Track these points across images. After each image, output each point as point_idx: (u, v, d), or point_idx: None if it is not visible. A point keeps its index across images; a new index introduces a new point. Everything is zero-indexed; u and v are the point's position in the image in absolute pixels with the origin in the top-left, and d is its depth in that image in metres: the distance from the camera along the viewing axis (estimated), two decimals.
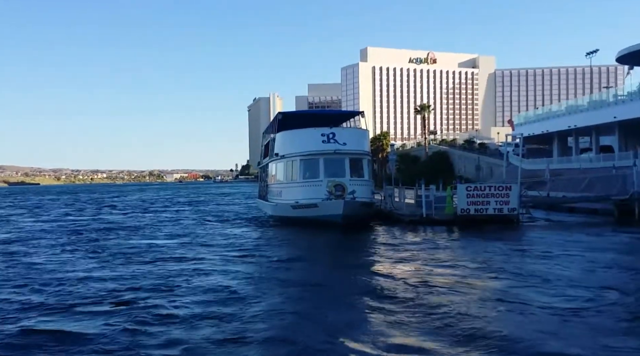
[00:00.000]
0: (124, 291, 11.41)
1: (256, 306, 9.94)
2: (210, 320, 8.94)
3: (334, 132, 25.61)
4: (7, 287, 12.26)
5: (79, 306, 10.13)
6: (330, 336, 7.89)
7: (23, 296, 11.23)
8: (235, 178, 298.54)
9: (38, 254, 17.72)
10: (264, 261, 15.90)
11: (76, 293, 11.41)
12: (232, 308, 9.78)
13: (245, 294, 10.94)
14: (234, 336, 8.01)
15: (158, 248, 19.10)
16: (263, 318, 9.04)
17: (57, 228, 28.32)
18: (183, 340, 7.88)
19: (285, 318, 9.08)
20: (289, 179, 26.52)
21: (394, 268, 13.94)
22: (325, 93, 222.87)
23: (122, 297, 10.82)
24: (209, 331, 8.30)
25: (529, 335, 7.66)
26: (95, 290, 11.58)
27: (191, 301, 10.37)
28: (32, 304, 10.44)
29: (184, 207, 48.64)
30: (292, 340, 7.76)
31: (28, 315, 9.63)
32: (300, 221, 24.57)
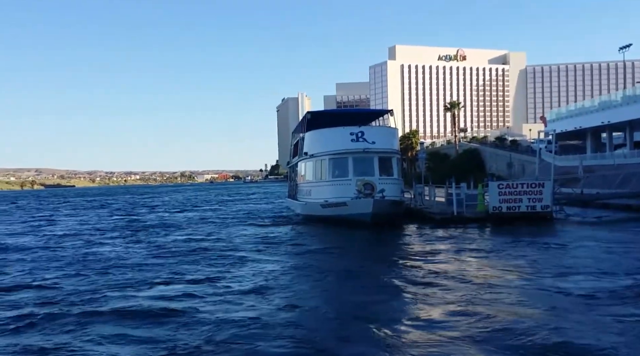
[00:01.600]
0: (186, 276, 13.08)
1: (294, 289, 11.40)
2: (258, 296, 10.66)
3: (363, 131, 25.54)
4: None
5: (157, 287, 11.94)
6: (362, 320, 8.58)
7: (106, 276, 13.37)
8: (264, 178, 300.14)
9: (110, 246, 20.11)
10: (299, 253, 17.04)
11: (155, 279, 12.86)
12: (276, 289, 11.33)
13: (284, 279, 12.53)
14: (279, 307, 9.69)
15: (204, 240, 20.96)
16: (297, 299, 10.32)
17: (118, 225, 30.47)
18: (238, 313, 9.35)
19: (316, 301, 10.22)
20: (318, 178, 26.56)
21: (425, 262, 14.07)
22: (353, 92, 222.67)
23: (186, 279, 12.71)
24: (262, 303, 10.00)
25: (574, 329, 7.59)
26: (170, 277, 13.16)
27: (240, 284, 11.99)
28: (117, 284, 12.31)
29: (218, 206, 49.78)
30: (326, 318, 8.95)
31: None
32: (330, 219, 24.59)
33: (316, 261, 15.16)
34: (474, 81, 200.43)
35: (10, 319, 9.26)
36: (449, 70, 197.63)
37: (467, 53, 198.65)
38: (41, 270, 14.76)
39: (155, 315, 9.33)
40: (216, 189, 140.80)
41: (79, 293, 11.32)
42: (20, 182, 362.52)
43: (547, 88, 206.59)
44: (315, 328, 8.37)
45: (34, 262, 16.47)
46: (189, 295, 10.80)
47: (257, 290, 11.18)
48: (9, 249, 20.00)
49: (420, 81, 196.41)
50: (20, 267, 15.52)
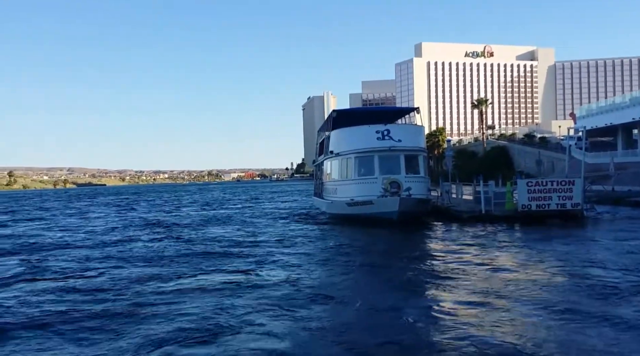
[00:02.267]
0: (225, 267, 14.14)
1: (320, 280, 12.32)
2: (290, 284, 11.57)
3: (389, 128, 25.40)
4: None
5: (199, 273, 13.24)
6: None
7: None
8: (290, 177, 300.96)
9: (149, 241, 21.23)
10: (324, 248, 17.77)
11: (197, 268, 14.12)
12: (306, 278, 12.31)
13: (315, 270, 13.58)
14: (308, 295, 10.51)
15: (236, 237, 21.98)
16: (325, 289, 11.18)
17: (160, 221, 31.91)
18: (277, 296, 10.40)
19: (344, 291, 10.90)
20: (344, 177, 26.52)
21: (452, 258, 14.10)
22: (379, 90, 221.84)
23: (224, 269, 13.82)
24: (293, 291, 10.95)
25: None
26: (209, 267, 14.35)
27: (274, 272, 13.24)
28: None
29: (246, 204, 50.55)
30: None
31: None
32: (356, 218, 24.55)
33: (342, 257, 15.43)
34: (501, 77, 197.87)
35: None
36: (476, 67, 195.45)
37: (494, 49, 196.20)
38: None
39: (196, 299, 10.33)
40: (243, 187, 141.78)
41: (150, 279, 12.68)
42: (53, 181, 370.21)
43: (576, 84, 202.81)
44: (342, 315, 8.99)
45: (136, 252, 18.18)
46: (230, 282, 11.90)
47: (288, 281, 11.99)
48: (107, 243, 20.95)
49: (447, 78, 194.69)
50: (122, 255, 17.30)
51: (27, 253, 18.34)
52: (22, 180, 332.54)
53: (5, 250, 19.52)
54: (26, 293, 11.56)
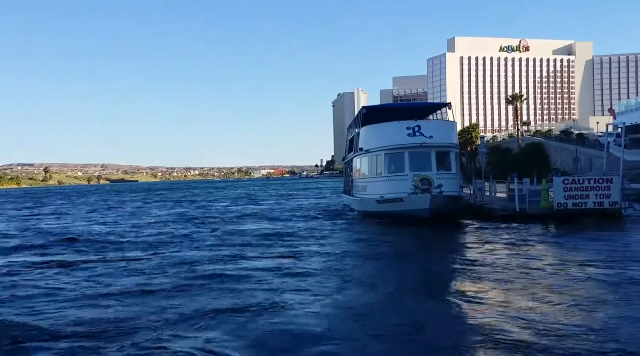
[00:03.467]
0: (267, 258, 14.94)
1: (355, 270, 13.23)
2: (321, 271, 12.63)
3: (420, 125, 24.95)
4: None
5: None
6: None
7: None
8: (320, 174, 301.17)
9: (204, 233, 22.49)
10: (356, 240, 18.91)
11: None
12: (336, 266, 13.23)
13: (346, 260, 14.46)
14: (339, 281, 11.43)
15: (270, 230, 23.07)
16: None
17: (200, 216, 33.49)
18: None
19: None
20: (373, 174, 26.20)
21: (484, 253, 13.95)
22: (410, 86, 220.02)
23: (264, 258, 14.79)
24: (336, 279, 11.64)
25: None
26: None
27: (314, 260, 14.32)
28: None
29: (277, 200, 51.39)
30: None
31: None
32: (386, 215, 24.19)
33: (371, 249, 15.74)
34: (537, 72, 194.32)
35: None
36: (511, 61, 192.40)
37: (530, 44, 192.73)
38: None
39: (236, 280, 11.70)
40: (273, 184, 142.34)
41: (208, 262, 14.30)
42: (87, 177, 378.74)
43: (614, 79, 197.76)
44: (369, 298, 9.80)
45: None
46: (268, 268, 13.11)
47: (320, 271, 12.73)
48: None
49: (481, 73, 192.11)
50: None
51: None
52: (57, 176, 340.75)
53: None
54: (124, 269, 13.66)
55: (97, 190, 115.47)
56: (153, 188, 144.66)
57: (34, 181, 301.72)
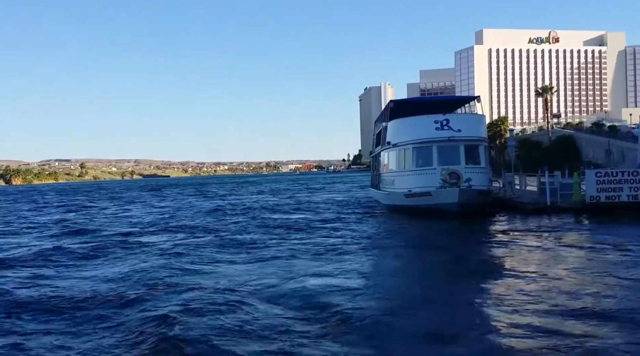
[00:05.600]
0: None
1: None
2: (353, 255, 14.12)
3: (448, 118, 24.72)
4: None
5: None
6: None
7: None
8: (347, 168, 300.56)
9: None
10: (383, 230, 19.82)
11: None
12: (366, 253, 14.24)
13: (376, 248, 15.60)
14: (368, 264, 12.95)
15: (301, 219, 25.11)
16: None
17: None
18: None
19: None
20: (401, 168, 26.08)
21: (515, 251, 13.63)
22: (438, 79, 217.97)
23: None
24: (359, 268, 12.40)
25: None
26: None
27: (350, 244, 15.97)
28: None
29: (307, 193, 52.54)
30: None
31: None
32: (414, 210, 24.07)
33: (399, 237, 16.35)
34: (567, 64, 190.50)
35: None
36: (541, 53, 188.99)
37: (560, 35, 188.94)
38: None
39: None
40: (302, 178, 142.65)
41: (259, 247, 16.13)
42: (121, 172, 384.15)
43: None
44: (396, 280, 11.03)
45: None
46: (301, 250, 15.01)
47: (350, 261, 13.40)
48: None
49: (510, 66, 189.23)
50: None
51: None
52: (92, 171, 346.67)
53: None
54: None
55: (146, 185, 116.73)
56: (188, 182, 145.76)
57: (71, 176, 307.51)
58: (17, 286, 11.00)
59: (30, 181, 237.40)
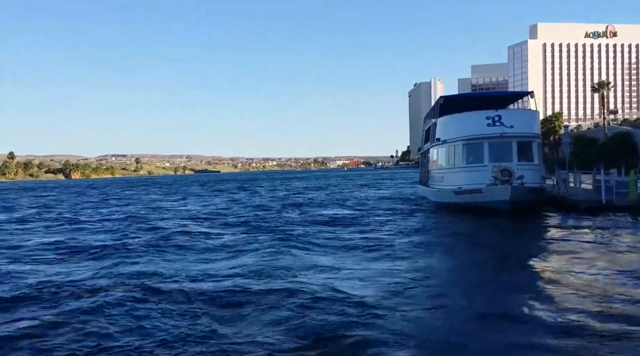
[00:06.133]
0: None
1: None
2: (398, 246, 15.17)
3: (500, 114, 24.35)
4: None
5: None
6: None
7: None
8: (395, 164, 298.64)
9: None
10: (432, 225, 20.26)
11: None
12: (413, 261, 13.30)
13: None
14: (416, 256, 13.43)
15: (350, 214, 26.13)
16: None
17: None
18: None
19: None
20: (451, 165, 25.87)
21: (569, 250, 13.39)
22: (490, 74, 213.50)
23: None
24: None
25: None
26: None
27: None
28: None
29: (355, 190, 52.55)
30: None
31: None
32: (463, 207, 23.84)
33: (445, 230, 16.49)
34: (625, 58, 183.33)
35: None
36: (597, 48, 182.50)
37: (617, 29, 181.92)
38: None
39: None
40: (350, 175, 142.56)
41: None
42: (174, 167, 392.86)
43: None
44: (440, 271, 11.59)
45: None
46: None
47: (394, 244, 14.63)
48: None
49: (565, 61, 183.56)
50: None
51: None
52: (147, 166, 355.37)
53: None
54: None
55: (208, 181, 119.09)
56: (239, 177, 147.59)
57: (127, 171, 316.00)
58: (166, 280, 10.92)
59: (88, 176, 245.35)
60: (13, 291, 10.05)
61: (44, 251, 15.54)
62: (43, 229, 22.38)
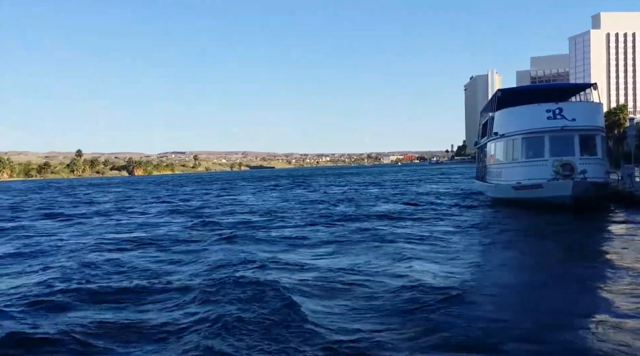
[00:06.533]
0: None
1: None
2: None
3: (561, 107, 23.57)
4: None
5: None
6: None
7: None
8: (450, 159, 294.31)
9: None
10: (491, 221, 20.03)
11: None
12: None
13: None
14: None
15: (402, 209, 26.54)
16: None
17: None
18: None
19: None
20: (509, 159, 25.26)
21: (635, 246, 12.90)
22: (550, 66, 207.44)
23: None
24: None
25: None
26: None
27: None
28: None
29: (410, 185, 52.81)
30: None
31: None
32: (522, 202, 23.23)
33: (508, 243, 15.16)
34: None
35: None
36: None
37: None
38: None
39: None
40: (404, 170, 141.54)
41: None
42: (230, 164, 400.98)
43: None
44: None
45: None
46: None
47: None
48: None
49: (630, 51, 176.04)
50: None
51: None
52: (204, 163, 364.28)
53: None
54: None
55: (275, 177, 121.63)
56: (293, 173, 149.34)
57: (185, 167, 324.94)
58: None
59: (150, 172, 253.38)
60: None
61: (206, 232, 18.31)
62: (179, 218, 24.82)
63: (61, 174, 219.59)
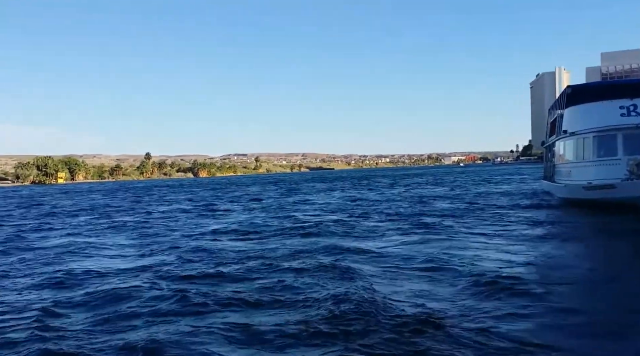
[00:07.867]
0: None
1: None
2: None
3: (636, 103, 22.63)
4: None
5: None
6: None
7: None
8: (515, 159, 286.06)
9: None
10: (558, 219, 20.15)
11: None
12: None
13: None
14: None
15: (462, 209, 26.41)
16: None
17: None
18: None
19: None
20: (579, 158, 24.44)
21: None
22: (622, 62, 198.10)
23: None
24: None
25: None
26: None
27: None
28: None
29: (475, 186, 52.20)
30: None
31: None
32: (593, 203, 22.40)
33: (579, 240, 15.02)
34: None
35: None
36: None
37: None
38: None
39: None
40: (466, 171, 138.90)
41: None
42: (290, 165, 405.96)
43: None
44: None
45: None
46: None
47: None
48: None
49: None
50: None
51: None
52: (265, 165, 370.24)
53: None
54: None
55: (344, 178, 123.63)
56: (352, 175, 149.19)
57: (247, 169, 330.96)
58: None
59: (213, 174, 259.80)
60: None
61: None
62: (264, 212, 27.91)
63: (131, 176, 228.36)
